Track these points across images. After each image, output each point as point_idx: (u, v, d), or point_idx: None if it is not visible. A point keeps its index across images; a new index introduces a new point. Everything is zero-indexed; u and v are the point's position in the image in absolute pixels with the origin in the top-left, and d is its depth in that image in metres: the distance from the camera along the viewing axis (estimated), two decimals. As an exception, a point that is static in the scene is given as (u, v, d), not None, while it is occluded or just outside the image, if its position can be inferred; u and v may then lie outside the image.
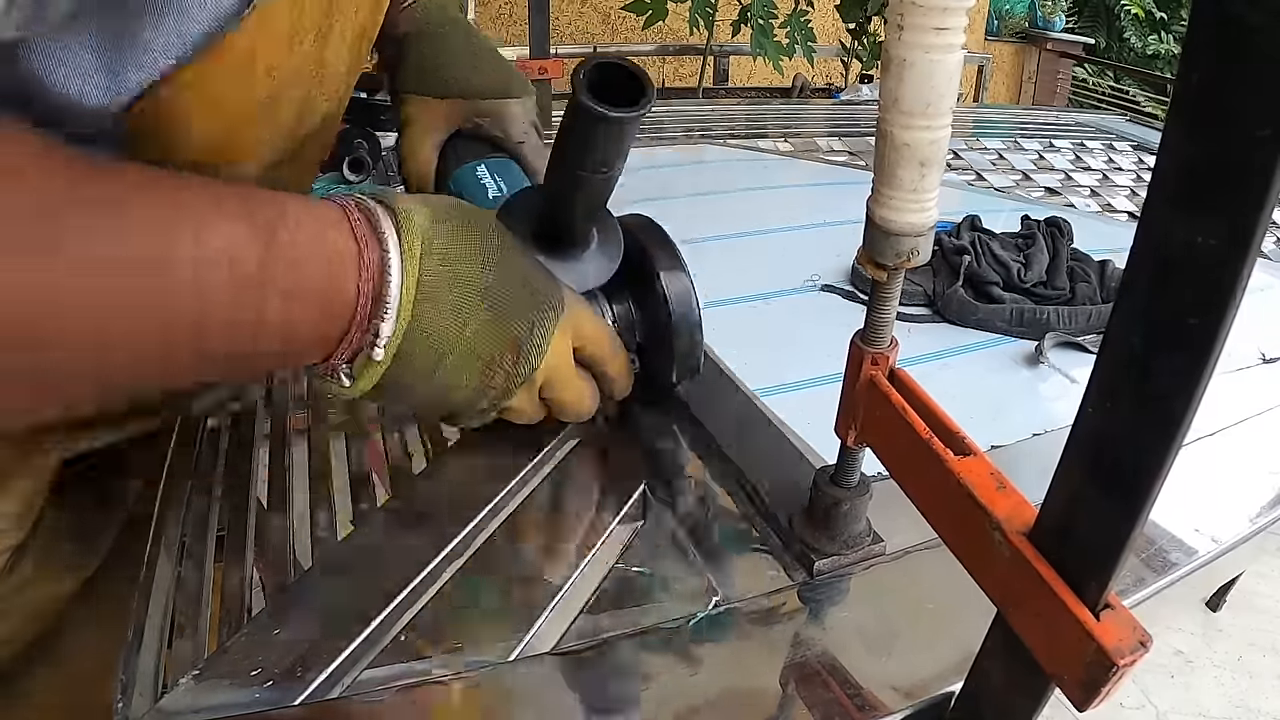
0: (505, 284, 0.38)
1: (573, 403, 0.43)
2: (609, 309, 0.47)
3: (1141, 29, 5.13)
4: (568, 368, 0.41)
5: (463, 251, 0.37)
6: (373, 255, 0.34)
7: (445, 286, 0.36)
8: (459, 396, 0.39)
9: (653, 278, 0.45)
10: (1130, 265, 0.20)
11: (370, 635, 0.35)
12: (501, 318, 0.38)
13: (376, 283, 0.34)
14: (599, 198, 0.42)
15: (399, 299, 0.34)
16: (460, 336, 0.37)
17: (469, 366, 0.38)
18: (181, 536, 0.43)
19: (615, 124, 0.36)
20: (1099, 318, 0.67)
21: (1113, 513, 0.22)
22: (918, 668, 0.35)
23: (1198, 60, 0.17)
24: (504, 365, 0.39)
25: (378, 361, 0.35)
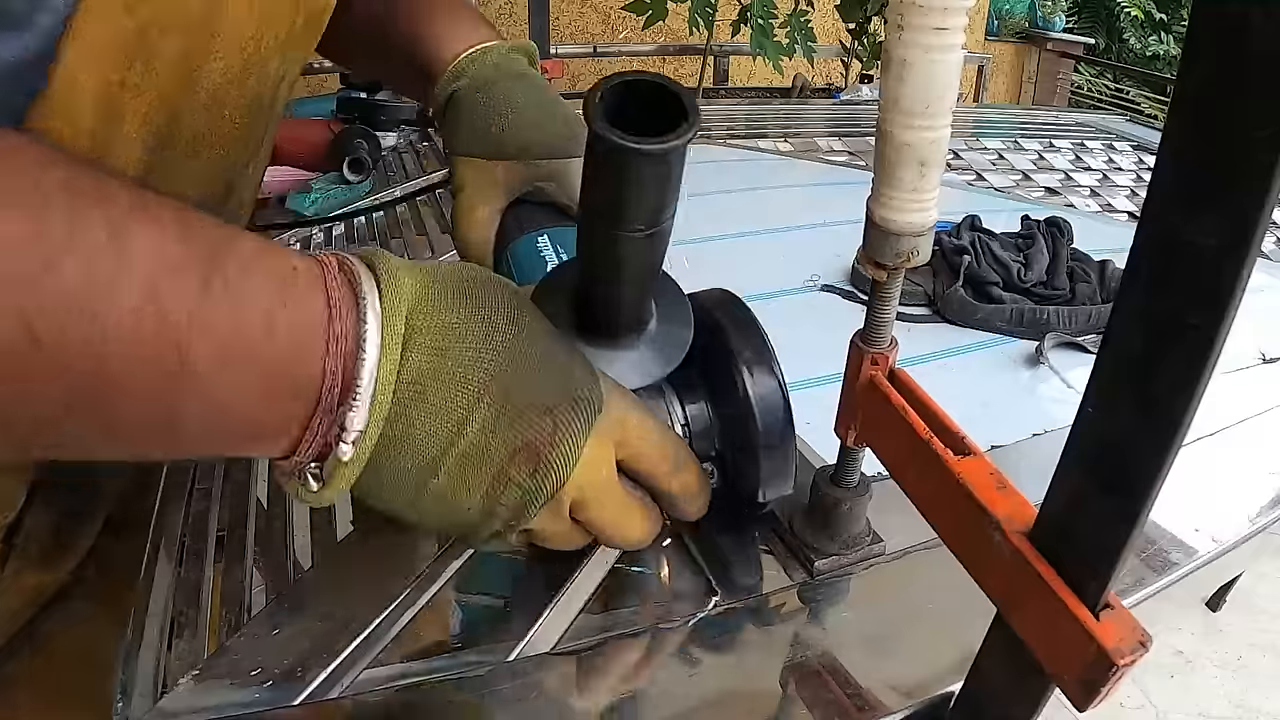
0: (520, 374, 0.30)
1: (619, 527, 0.34)
2: (679, 407, 0.37)
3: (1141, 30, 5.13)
4: (608, 483, 0.33)
5: (466, 331, 0.29)
6: (347, 325, 0.27)
7: (436, 375, 0.29)
8: (462, 516, 0.31)
9: (732, 373, 0.35)
10: (1130, 265, 0.20)
11: (370, 635, 0.35)
12: (513, 418, 0.30)
13: (348, 361, 0.27)
14: (645, 262, 0.31)
15: (374, 385, 0.27)
16: (458, 441, 0.29)
17: (471, 479, 0.30)
18: (181, 536, 0.43)
19: (648, 160, 0.26)
20: (1099, 318, 0.67)
21: (1113, 513, 0.22)
22: (918, 668, 0.35)
23: (1198, 60, 0.17)
24: (518, 479, 0.30)
25: (345, 462, 0.28)
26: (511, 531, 0.32)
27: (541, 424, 0.30)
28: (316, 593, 0.37)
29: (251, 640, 0.35)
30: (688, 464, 0.35)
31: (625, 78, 0.27)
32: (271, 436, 0.28)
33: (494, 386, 0.30)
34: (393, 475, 0.29)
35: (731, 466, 0.38)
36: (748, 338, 0.36)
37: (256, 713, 0.32)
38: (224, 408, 0.26)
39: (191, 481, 0.47)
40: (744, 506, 0.39)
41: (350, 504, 0.45)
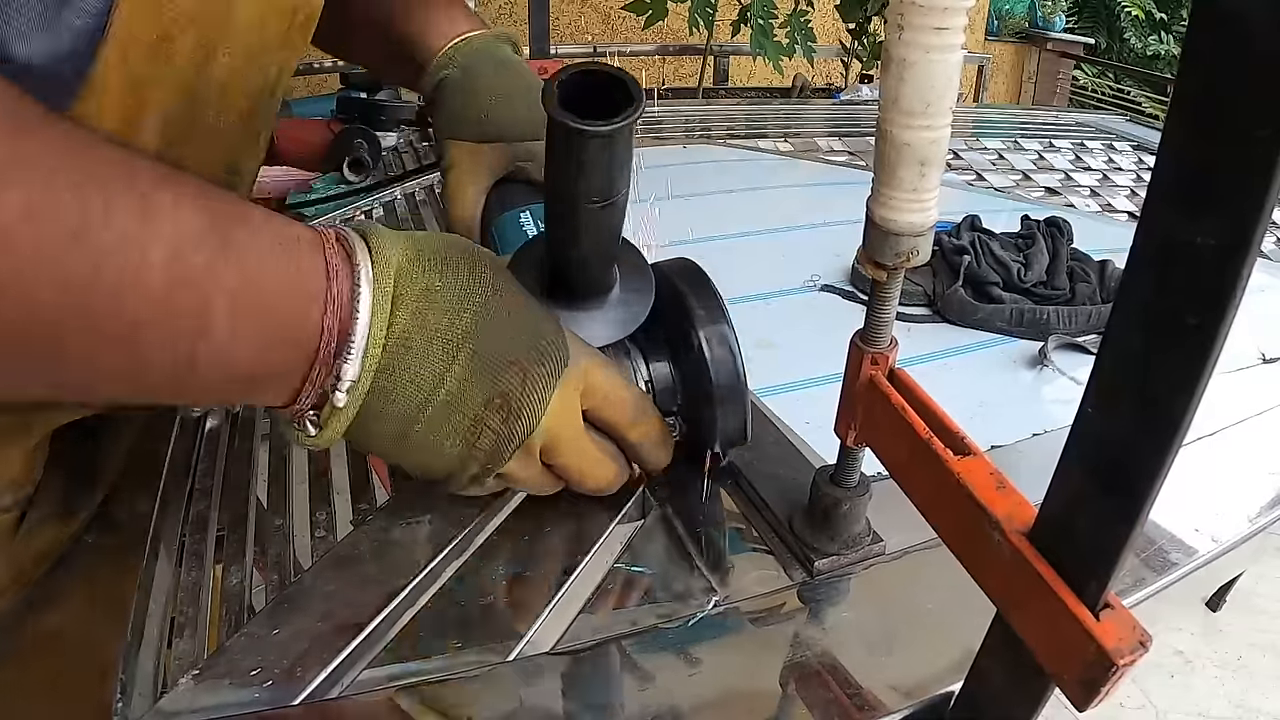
0: (494, 331, 0.34)
1: (586, 472, 0.38)
2: (643, 366, 0.41)
3: (1141, 29, 5.13)
4: (574, 430, 0.37)
5: (446, 293, 0.33)
6: (343, 288, 0.31)
7: (421, 330, 0.32)
8: (443, 459, 0.35)
9: (691, 335, 0.39)
10: (1130, 265, 0.20)
11: (370, 635, 0.35)
12: (487, 369, 0.34)
13: (344, 319, 0.31)
14: (603, 232, 0.35)
15: (366, 339, 0.31)
16: (438, 388, 0.33)
17: (450, 424, 0.34)
18: (181, 536, 0.43)
19: (596, 140, 0.30)
20: (1099, 318, 0.67)
21: (1112, 512, 0.22)
22: (917, 667, 0.35)
23: (1198, 60, 0.17)
24: (491, 424, 0.34)
25: (340, 408, 0.32)
26: (488, 474, 0.36)
27: (513, 375, 0.34)
28: (316, 593, 0.37)
29: (251, 640, 0.35)
30: (649, 415, 0.39)
31: (578, 68, 0.30)
32: (274, 385, 0.31)
33: (470, 342, 0.33)
34: (381, 422, 0.33)
35: (694, 421, 0.42)
36: (703, 300, 0.39)
37: (256, 713, 0.32)
38: (235, 357, 0.29)
39: (191, 481, 0.47)
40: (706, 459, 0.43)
41: (350, 504, 0.45)
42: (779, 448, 0.48)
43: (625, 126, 0.30)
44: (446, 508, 0.42)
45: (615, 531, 0.42)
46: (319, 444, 0.33)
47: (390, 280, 0.32)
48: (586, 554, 0.40)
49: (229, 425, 0.53)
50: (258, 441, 0.51)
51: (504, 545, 0.41)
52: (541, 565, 0.40)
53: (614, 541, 0.42)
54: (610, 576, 0.39)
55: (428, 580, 0.38)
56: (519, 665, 0.34)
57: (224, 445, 0.50)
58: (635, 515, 0.44)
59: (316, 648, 0.34)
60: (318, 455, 0.49)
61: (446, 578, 0.39)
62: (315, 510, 0.44)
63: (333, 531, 0.43)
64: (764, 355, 0.62)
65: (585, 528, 0.42)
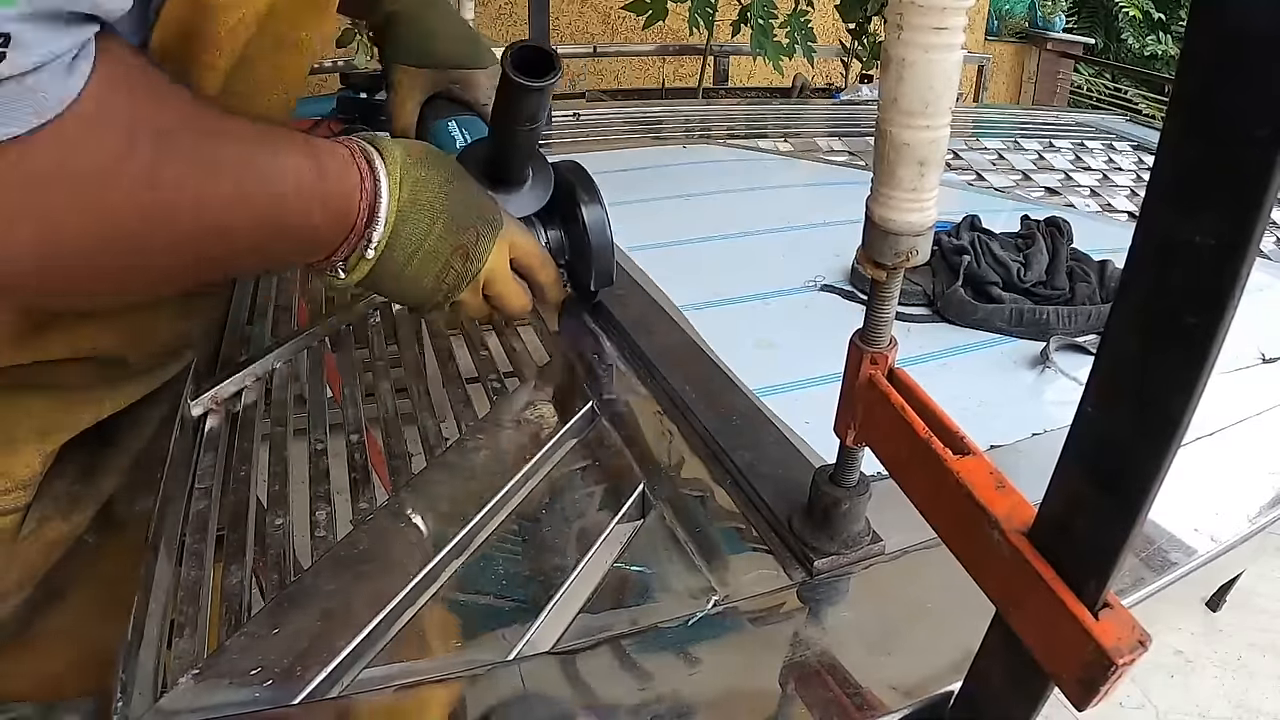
0: (458, 206, 0.49)
1: (510, 297, 0.53)
2: (543, 232, 0.59)
3: (1139, 30, 5.12)
4: (504, 270, 0.53)
5: (429, 182, 0.48)
6: (369, 184, 0.45)
7: (413, 205, 0.47)
8: (422, 290, 0.50)
9: (575, 208, 0.58)
10: (1129, 265, 0.20)
11: (370, 635, 0.35)
12: (455, 230, 0.49)
13: (371, 202, 0.45)
14: (529, 145, 0.55)
15: (386, 214, 0.46)
16: (424, 242, 0.48)
17: (430, 266, 0.49)
18: (181, 536, 0.43)
19: (533, 91, 0.49)
20: (1099, 318, 0.67)
21: (1112, 512, 0.22)
22: (917, 667, 0.35)
23: (1196, 60, 0.17)
24: (455, 265, 0.50)
25: (368, 259, 0.46)
26: (448, 300, 0.51)
27: (469, 234, 0.50)
28: (316, 593, 0.37)
29: (251, 640, 0.35)
30: (549, 263, 0.56)
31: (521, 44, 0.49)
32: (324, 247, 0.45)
33: (443, 213, 0.48)
34: (388, 266, 0.47)
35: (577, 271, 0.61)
36: (586, 187, 0.59)
37: (256, 712, 0.32)
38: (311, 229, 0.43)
39: (191, 481, 0.47)
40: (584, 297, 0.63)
41: (350, 503, 0.45)
42: (779, 448, 0.48)
43: (549, 85, 0.49)
44: (447, 508, 0.42)
45: (615, 531, 0.42)
46: (346, 285, 0.47)
47: (397, 174, 0.46)
48: (586, 554, 0.40)
49: (229, 425, 0.53)
50: (258, 441, 0.51)
51: (504, 545, 0.41)
52: (541, 565, 0.40)
53: (614, 541, 0.42)
54: (610, 576, 0.39)
55: (428, 580, 0.38)
56: (519, 665, 0.34)
57: (224, 445, 0.50)
58: (635, 515, 0.44)
59: (316, 648, 0.34)
60: (317, 455, 0.49)
61: (446, 578, 0.39)
62: (315, 510, 0.44)
63: (333, 531, 0.43)
64: (764, 355, 0.62)
65: (585, 528, 0.42)
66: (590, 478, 0.47)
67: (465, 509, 0.42)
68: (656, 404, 0.53)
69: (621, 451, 0.48)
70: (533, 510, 0.44)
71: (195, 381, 0.55)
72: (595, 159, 1.11)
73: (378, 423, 0.52)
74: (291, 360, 0.59)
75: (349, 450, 0.49)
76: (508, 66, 0.47)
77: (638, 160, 1.12)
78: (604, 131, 1.26)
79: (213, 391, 0.54)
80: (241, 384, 0.56)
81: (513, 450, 0.47)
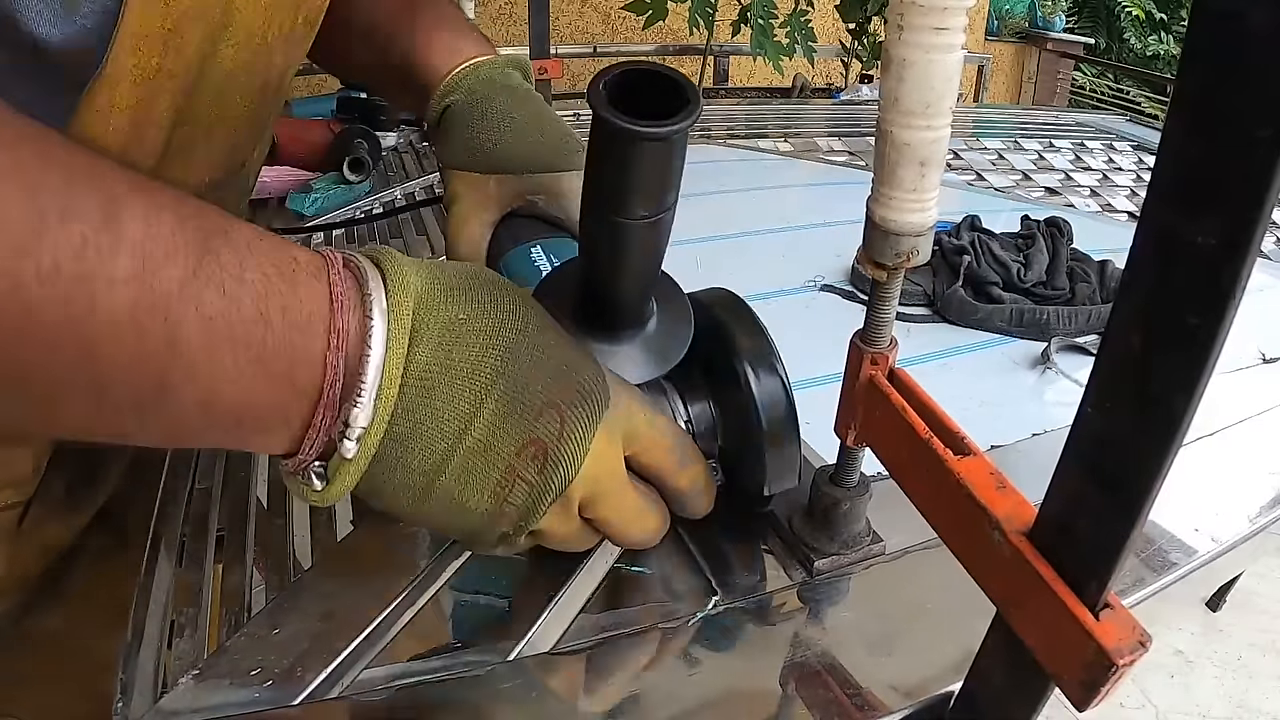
0: (526, 369, 0.30)
1: (630, 523, 0.35)
2: (682, 407, 0.38)
3: (1141, 30, 5.13)
4: (616, 479, 0.33)
5: (473, 329, 0.29)
6: (351, 321, 0.27)
7: (444, 369, 0.29)
8: (470, 516, 0.31)
9: (735, 370, 0.36)
10: (1130, 265, 0.20)
11: (370, 635, 0.35)
12: (520, 413, 0.30)
13: (352, 355, 0.27)
14: (648, 252, 0.32)
15: (379, 380, 0.27)
16: (465, 437, 0.29)
17: (479, 477, 0.30)
18: (181, 536, 0.43)
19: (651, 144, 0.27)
20: (1099, 318, 0.67)
21: (1112, 512, 0.22)
22: (918, 668, 0.35)
23: (1197, 60, 0.17)
24: (526, 476, 0.30)
25: (349, 459, 0.28)
26: (521, 533, 0.32)
27: (549, 419, 0.30)
28: (316, 593, 0.37)
29: (251, 640, 0.35)
30: (694, 459, 0.36)
31: (627, 66, 0.27)
32: (272, 429, 0.28)
33: (501, 382, 0.30)
34: (399, 474, 0.29)
35: (735, 463, 0.39)
36: (750, 335, 0.36)
37: (256, 713, 0.32)
38: (216, 392, 0.25)
39: (191, 481, 0.47)
40: (749, 503, 0.40)
41: (350, 504, 0.45)
42: (779, 448, 0.48)
43: (683, 130, 0.27)
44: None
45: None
46: (325, 501, 0.29)
47: (409, 312, 0.28)
48: (587, 554, 0.40)
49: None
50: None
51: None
52: (541, 565, 0.40)
53: (614, 541, 0.42)
54: (610, 576, 0.39)
55: (428, 580, 0.38)
56: (519, 665, 0.34)
57: (224, 445, 0.50)
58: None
59: (316, 648, 0.34)
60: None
61: (446, 578, 0.39)
62: (315, 510, 0.44)
63: (333, 532, 0.43)
64: (764, 355, 0.62)
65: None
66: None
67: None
68: (657, 404, 0.53)
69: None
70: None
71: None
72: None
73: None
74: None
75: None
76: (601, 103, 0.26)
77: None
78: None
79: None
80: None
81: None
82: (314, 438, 0.28)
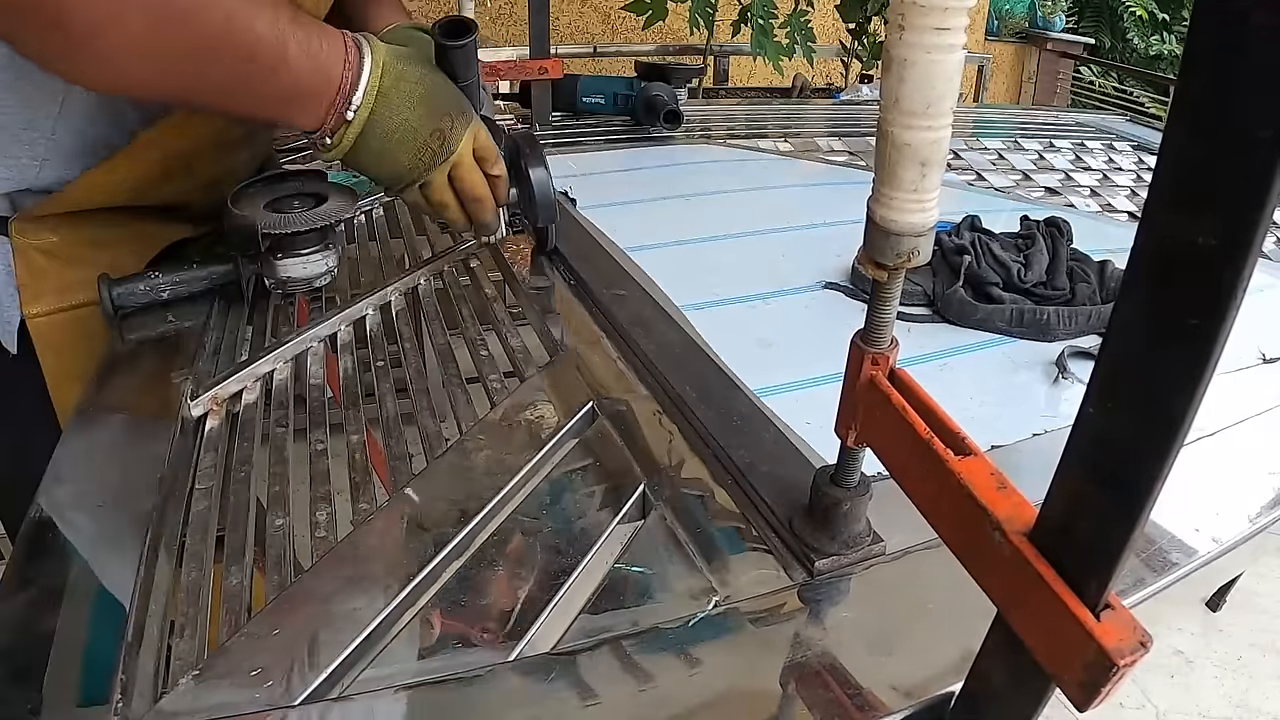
0: (437, 96, 0.59)
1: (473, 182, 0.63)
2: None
3: (1144, 30, 5.12)
4: (469, 159, 0.62)
5: (411, 73, 0.58)
6: (353, 58, 0.55)
7: (396, 90, 0.57)
8: (399, 165, 0.59)
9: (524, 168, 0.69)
10: (1131, 265, 0.20)
11: (370, 635, 0.35)
12: (432, 115, 0.58)
13: (354, 74, 0.55)
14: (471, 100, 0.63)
15: (365, 85, 0.55)
16: (405, 122, 0.57)
17: (409, 143, 0.58)
18: (181, 536, 0.43)
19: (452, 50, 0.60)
20: (1099, 318, 0.67)
21: (1113, 513, 0.22)
22: (918, 668, 0.35)
23: (1199, 61, 0.17)
24: (432, 145, 0.59)
25: (349, 122, 0.55)
26: (420, 180, 0.60)
27: (446, 119, 0.59)
28: (316, 593, 0.37)
29: (251, 640, 0.35)
30: (501, 161, 0.65)
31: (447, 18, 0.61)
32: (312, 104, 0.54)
33: (423, 99, 0.58)
34: (368, 142, 0.57)
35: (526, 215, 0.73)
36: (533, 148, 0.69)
37: (256, 713, 0.32)
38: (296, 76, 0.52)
39: (191, 481, 0.47)
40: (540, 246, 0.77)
41: (350, 503, 0.45)
42: (779, 448, 0.48)
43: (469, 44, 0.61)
44: (447, 508, 0.42)
45: (615, 531, 0.42)
46: (335, 154, 0.57)
47: (380, 63, 0.56)
48: (586, 554, 0.40)
49: (229, 425, 0.53)
50: (258, 441, 0.51)
51: (504, 545, 0.41)
52: (541, 565, 0.40)
53: (614, 541, 0.42)
54: (610, 576, 0.39)
55: (428, 580, 0.38)
56: (519, 665, 0.34)
57: (224, 445, 0.50)
58: (635, 515, 0.44)
59: (316, 648, 0.34)
60: (318, 455, 0.49)
61: (446, 578, 0.39)
62: (315, 510, 0.44)
63: (333, 531, 0.43)
64: (764, 355, 0.62)
65: (585, 528, 0.42)
66: (590, 478, 0.47)
67: (465, 509, 0.42)
68: (656, 404, 0.53)
69: (622, 452, 0.48)
70: (533, 510, 0.44)
71: (195, 381, 0.55)
72: (596, 158, 1.11)
73: (378, 423, 0.52)
74: (291, 360, 0.59)
75: (349, 450, 0.49)
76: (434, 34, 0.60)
77: (638, 160, 1.12)
78: (604, 131, 1.26)
79: (213, 391, 0.54)
80: (241, 384, 0.55)
81: (513, 450, 0.47)
82: (332, 115, 0.55)
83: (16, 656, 0.34)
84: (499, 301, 0.67)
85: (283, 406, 0.54)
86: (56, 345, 0.64)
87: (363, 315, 0.65)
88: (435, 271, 0.72)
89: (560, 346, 0.60)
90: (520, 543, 0.41)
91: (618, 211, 0.90)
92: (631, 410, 0.52)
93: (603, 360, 0.59)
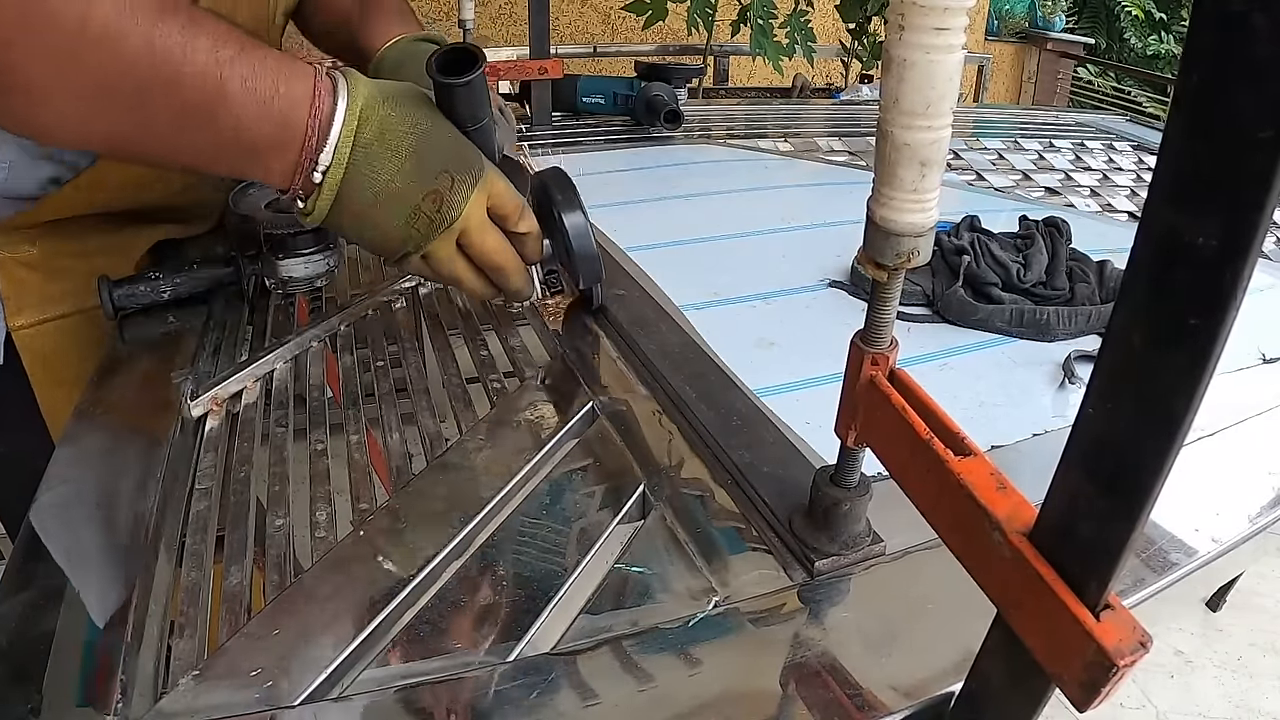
0: (430, 150, 0.48)
1: (489, 249, 0.51)
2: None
3: (1141, 29, 5.13)
4: (482, 219, 0.51)
5: (398, 121, 0.47)
6: (324, 104, 0.45)
7: (379, 143, 0.46)
8: (388, 234, 0.49)
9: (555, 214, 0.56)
10: (1131, 265, 0.20)
11: (370, 635, 0.35)
12: (425, 174, 0.47)
13: (323, 123, 0.45)
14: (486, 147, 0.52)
15: (337, 139, 0.45)
16: (390, 185, 0.47)
17: (396, 211, 0.47)
18: (181, 536, 0.43)
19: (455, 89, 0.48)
20: (1099, 318, 0.67)
21: (1113, 513, 0.22)
22: (918, 668, 0.35)
23: (1198, 61, 0.17)
24: (426, 212, 0.48)
25: (318, 185, 0.46)
26: (418, 251, 0.50)
27: (444, 178, 0.48)
28: (316, 593, 0.37)
29: (251, 640, 0.35)
30: (529, 216, 0.53)
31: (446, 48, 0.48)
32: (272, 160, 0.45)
33: (414, 155, 0.47)
34: (347, 202, 0.47)
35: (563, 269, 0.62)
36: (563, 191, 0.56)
37: (256, 713, 0.32)
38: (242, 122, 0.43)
39: (191, 482, 0.47)
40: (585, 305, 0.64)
41: (351, 505, 0.45)
42: (779, 448, 0.48)
43: (473, 80, 0.47)
44: (447, 508, 0.42)
45: (615, 531, 0.42)
46: (311, 218, 0.47)
47: (359, 107, 0.46)
48: (586, 554, 0.40)
49: (229, 425, 0.53)
50: (258, 441, 0.51)
51: (504, 545, 0.41)
52: (541, 565, 0.40)
53: (614, 541, 0.42)
54: (610, 576, 0.39)
55: (428, 580, 0.38)
56: (519, 665, 0.34)
57: (224, 445, 0.50)
58: (635, 515, 0.44)
59: (316, 648, 0.34)
60: (318, 455, 0.49)
61: (446, 578, 0.39)
62: (315, 510, 0.44)
63: (333, 531, 0.43)
64: (764, 355, 0.62)
65: (585, 528, 0.42)
66: (590, 478, 0.47)
67: (465, 509, 0.42)
68: (656, 404, 0.53)
69: (622, 452, 0.48)
70: (533, 510, 0.44)
71: (195, 381, 0.55)
72: (596, 159, 1.11)
73: (378, 423, 0.52)
74: (291, 360, 0.59)
75: (349, 450, 0.49)
76: (430, 70, 0.47)
77: (638, 160, 1.12)
78: (604, 131, 1.26)
79: (213, 392, 0.54)
80: (241, 384, 0.55)
81: (513, 450, 0.47)
82: (299, 175, 0.45)
83: (16, 656, 0.34)
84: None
85: (283, 406, 0.54)
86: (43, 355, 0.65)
87: (363, 315, 0.65)
88: (435, 271, 0.72)
89: (560, 347, 0.60)
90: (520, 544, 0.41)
91: (617, 211, 0.90)
92: (631, 410, 0.52)
93: (603, 360, 0.59)
